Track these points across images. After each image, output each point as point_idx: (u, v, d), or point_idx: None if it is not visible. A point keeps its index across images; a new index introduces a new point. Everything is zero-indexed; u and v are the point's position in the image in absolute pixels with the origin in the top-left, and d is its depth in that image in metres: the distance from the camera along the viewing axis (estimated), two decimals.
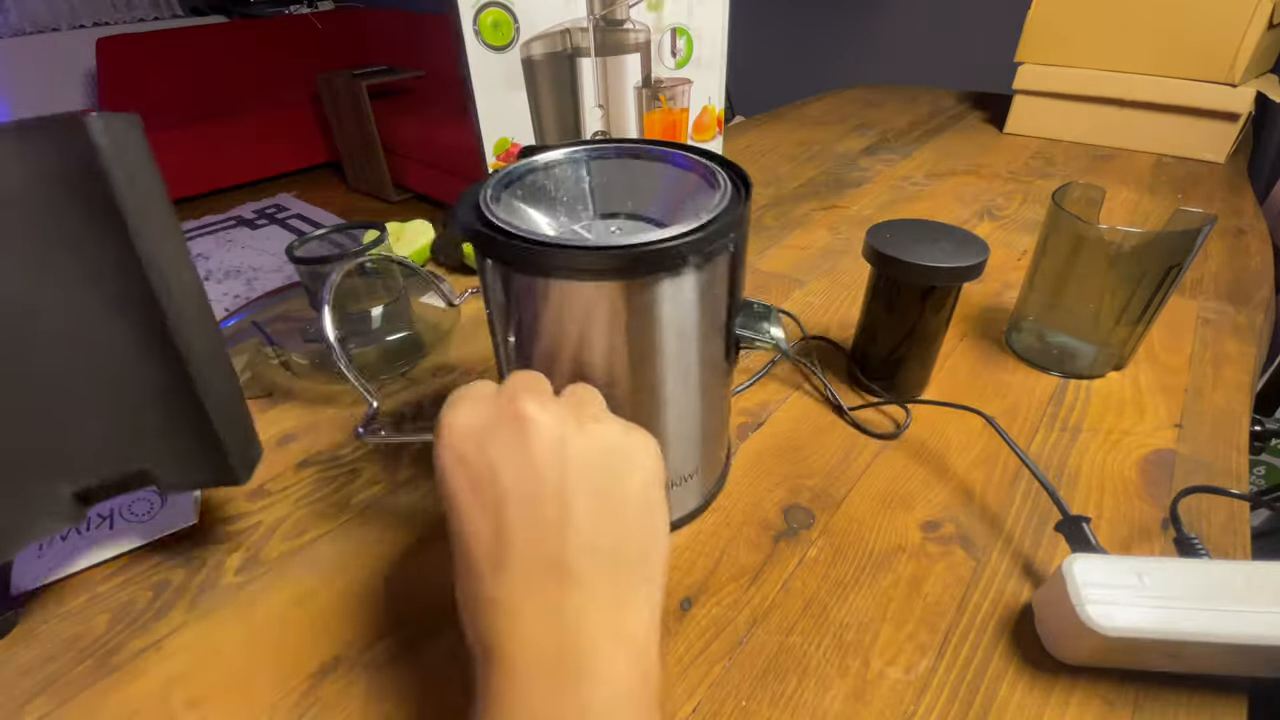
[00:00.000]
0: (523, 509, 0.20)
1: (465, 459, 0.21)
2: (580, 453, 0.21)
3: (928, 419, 0.45)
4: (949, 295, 0.42)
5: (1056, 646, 0.30)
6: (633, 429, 0.23)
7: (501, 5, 0.51)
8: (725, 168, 0.31)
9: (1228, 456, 0.42)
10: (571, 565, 0.20)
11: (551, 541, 0.20)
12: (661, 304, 0.27)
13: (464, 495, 0.21)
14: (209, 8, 3.69)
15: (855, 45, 2.32)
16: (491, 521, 0.20)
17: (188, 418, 0.30)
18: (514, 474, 0.20)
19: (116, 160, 0.24)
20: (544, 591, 0.20)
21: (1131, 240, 0.42)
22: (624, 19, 0.57)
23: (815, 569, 0.35)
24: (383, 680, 0.30)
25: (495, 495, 0.20)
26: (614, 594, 0.21)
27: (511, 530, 0.20)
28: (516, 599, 0.20)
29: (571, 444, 0.21)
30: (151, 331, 0.27)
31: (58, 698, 0.30)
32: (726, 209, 0.28)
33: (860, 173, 0.90)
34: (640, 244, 0.25)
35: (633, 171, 0.34)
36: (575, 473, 0.21)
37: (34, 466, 0.28)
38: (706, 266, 0.28)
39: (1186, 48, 0.85)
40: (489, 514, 0.20)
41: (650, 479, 0.23)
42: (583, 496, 0.21)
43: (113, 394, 0.28)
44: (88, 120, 0.22)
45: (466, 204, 0.29)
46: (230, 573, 0.35)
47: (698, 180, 0.32)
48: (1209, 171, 0.87)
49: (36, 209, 0.24)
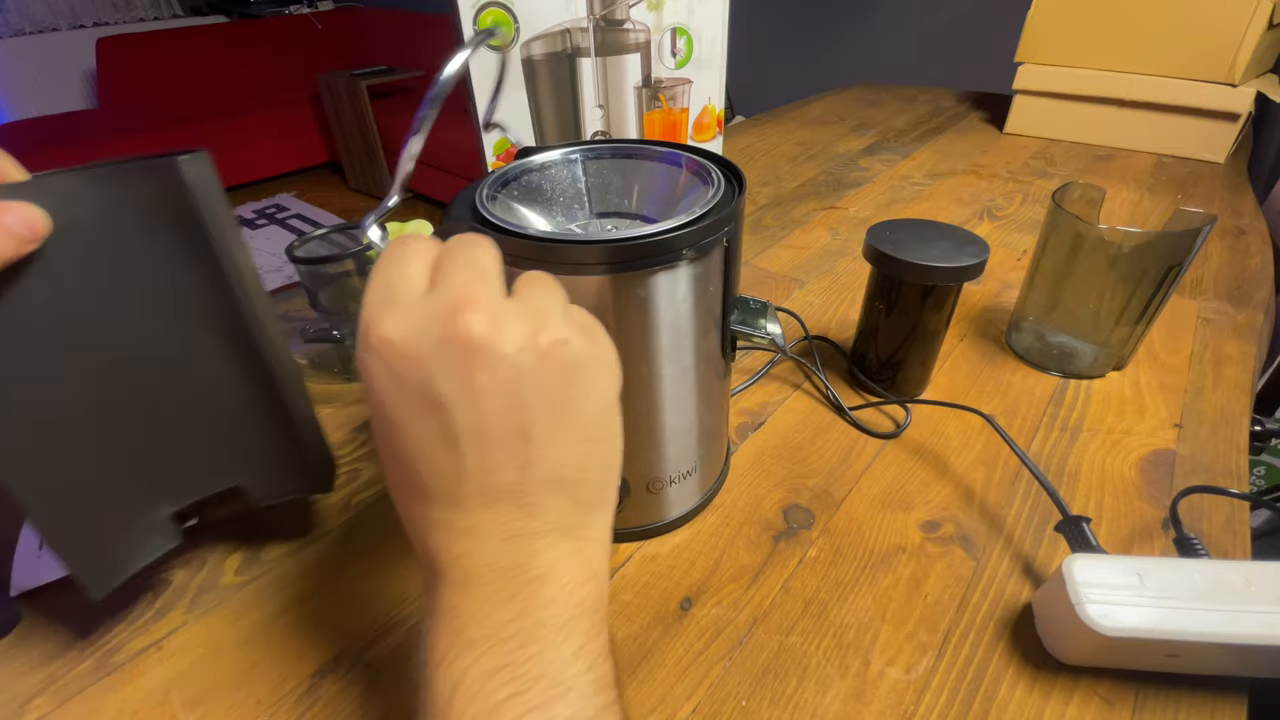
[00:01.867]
0: (479, 446, 0.18)
1: (403, 379, 0.18)
2: (539, 384, 0.19)
3: (928, 419, 0.45)
4: (949, 295, 0.42)
5: (1056, 646, 0.30)
6: (593, 337, 0.21)
7: (501, 5, 0.51)
8: (719, 164, 0.31)
9: (1228, 456, 0.42)
10: (532, 496, 0.19)
11: (510, 473, 0.19)
12: (657, 297, 0.28)
13: (405, 417, 0.18)
14: (209, 8, 3.69)
15: (855, 45, 2.32)
16: (443, 453, 0.19)
17: (275, 433, 0.31)
18: (466, 411, 0.18)
19: (201, 192, 0.25)
20: (503, 518, 0.19)
21: (1131, 240, 0.42)
22: (624, 19, 0.57)
23: (815, 569, 0.35)
24: (383, 680, 0.30)
25: (444, 427, 0.18)
26: (574, 521, 0.20)
27: (466, 465, 0.19)
28: (473, 523, 0.19)
29: (529, 376, 0.18)
30: (240, 352, 0.29)
31: (58, 698, 0.30)
32: (720, 203, 0.28)
33: (860, 173, 0.90)
34: (635, 237, 0.25)
35: (628, 171, 0.34)
36: (534, 405, 0.19)
37: (146, 492, 0.30)
38: (701, 260, 0.28)
39: (1186, 48, 0.85)
40: (439, 445, 0.18)
41: (610, 399, 0.21)
42: (542, 429, 0.19)
43: (209, 416, 0.30)
44: (179, 161, 0.24)
45: (462, 203, 0.29)
46: (230, 573, 0.35)
47: (691, 178, 0.32)
48: (1209, 171, 0.87)
49: (136, 242, 0.25)
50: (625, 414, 0.31)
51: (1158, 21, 0.86)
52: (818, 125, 1.11)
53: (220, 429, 0.30)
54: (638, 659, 0.31)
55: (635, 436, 0.32)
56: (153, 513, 0.30)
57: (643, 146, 0.34)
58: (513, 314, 0.19)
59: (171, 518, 0.31)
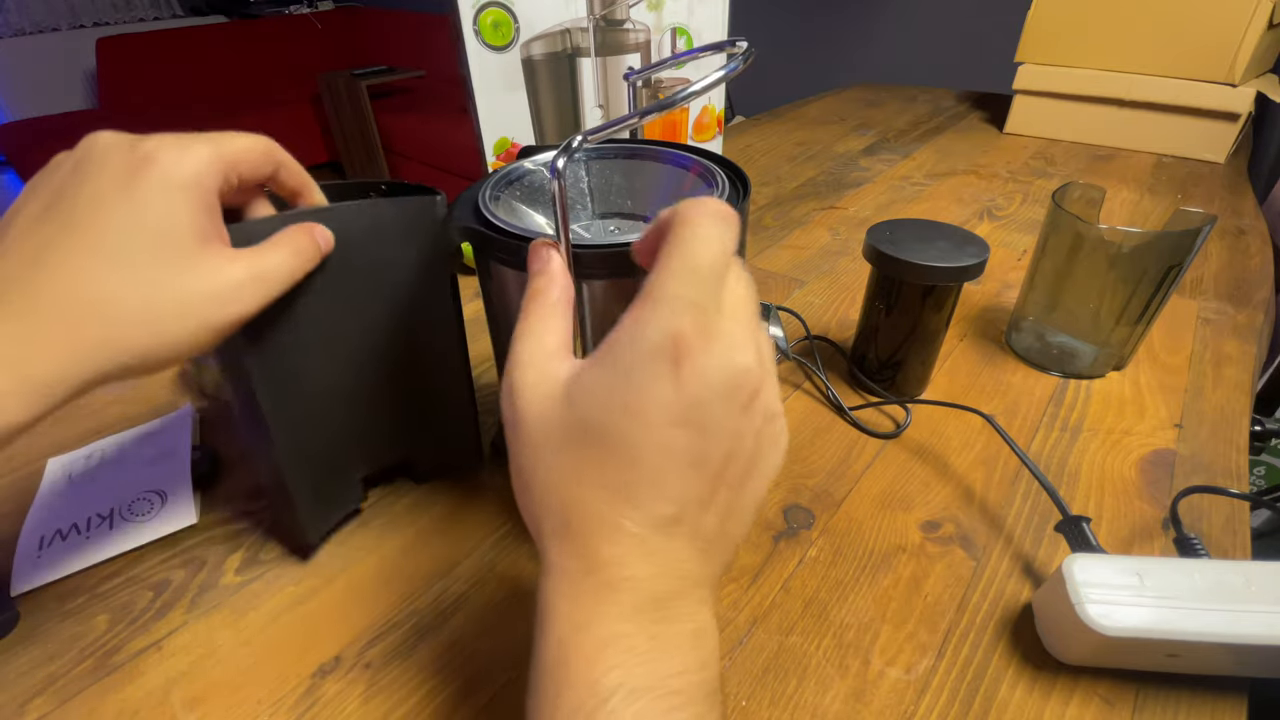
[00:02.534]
0: (713, 479, 0.19)
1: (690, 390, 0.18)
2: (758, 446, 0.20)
3: (928, 419, 0.45)
4: (950, 294, 0.42)
5: (1056, 646, 0.30)
6: None
7: (501, 5, 0.51)
8: (723, 166, 0.31)
9: (1228, 456, 0.42)
10: (715, 546, 0.19)
11: (714, 517, 0.19)
12: None
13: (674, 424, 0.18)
14: (209, 8, 3.69)
15: (855, 45, 2.32)
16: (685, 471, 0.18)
17: (440, 416, 0.37)
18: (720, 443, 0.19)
19: (431, 222, 0.31)
20: (684, 553, 0.19)
21: (1131, 240, 0.42)
22: (624, 19, 0.57)
23: (815, 569, 0.35)
24: (383, 680, 0.30)
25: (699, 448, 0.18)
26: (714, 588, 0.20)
27: (690, 490, 0.18)
28: (659, 547, 0.18)
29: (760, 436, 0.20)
30: (432, 346, 0.35)
31: (58, 698, 0.30)
32: None
33: (860, 173, 0.90)
34: None
35: (631, 172, 0.34)
36: (758, 464, 0.20)
37: (351, 458, 0.36)
38: None
39: (1186, 48, 0.85)
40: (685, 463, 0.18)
41: None
42: (751, 488, 0.20)
43: (401, 398, 0.35)
44: (436, 198, 0.31)
45: (465, 204, 0.29)
46: (230, 573, 0.35)
47: (695, 180, 0.32)
48: (1209, 171, 0.87)
49: (385, 255, 0.31)
50: None
51: (1158, 21, 0.86)
52: (818, 125, 1.11)
53: (405, 408, 0.36)
54: None
55: None
56: (352, 475, 0.37)
57: (646, 147, 0.34)
58: (772, 379, 0.20)
59: (360, 483, 0.37)
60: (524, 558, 0.36)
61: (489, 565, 0.36)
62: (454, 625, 0.33)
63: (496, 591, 0.34)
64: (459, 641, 0.32)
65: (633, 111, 0.23)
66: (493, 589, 0.34)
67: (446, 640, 0.32)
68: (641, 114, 0.22)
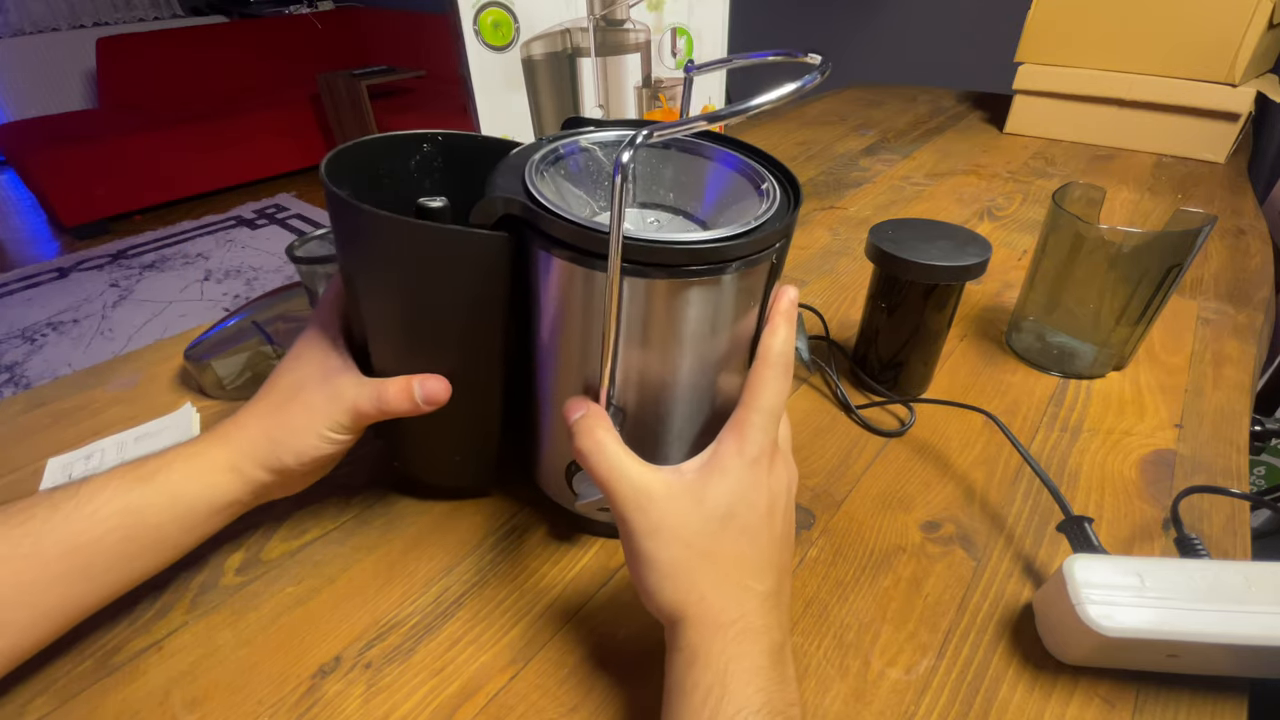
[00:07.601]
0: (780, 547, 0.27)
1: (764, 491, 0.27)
2: (785, 507, 0.28)
3: (929, 419, 0.45)
4: (952, 294, 0.42)
5: (1057, 646, 0.30)
6: None
7: (501, 5, 0.51)
8: (774, 169, 0.31)
9: (1228, 456, 0.42)
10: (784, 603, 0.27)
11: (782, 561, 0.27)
12: (703, 304, 0.27)
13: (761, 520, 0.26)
14: (209, 8, 3.69)
15: (855, 45, 2.32)
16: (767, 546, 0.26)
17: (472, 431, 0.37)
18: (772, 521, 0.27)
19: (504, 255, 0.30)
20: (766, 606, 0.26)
21: (1131, 240, 0.42)
22: (624, 19, 0.57)
23: (815, 569, 0.35)
24: (383, 680, 0.30)
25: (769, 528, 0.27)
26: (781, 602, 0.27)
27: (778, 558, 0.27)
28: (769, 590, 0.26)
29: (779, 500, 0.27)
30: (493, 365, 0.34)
31: (58, 698, 0.30)
32: (774, 216, 0.27)
33: (860, 173, 0.90)
34: (697, 241, 0.25)
35: (678, 164, 0.33)
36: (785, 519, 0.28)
37: None
38: (750, 272, 0.27)
39: (1186, 48, 0.85)
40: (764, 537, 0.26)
41: None
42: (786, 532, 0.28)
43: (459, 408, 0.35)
44: (505, 237, 0.29)
45: (511, 174, 0.28)
46: (230, 573, 0.35)
47: (744, 183, 0.31)
48: (1209, 171, 0.87)
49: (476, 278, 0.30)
50: (648, 417, 0.31)
51: (1158, 21, 0.86)
52: (818, 125, 1.11)
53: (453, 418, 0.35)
54: (638, 659, 0.31)
55: (653, 440, 0.32)
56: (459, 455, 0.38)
57: (700, 142, 0.33)
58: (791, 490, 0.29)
59: None
60: (524, 557, 0.36)
61: (489, 565, 0.36)
62: (454, 625, 0.33)
63: (496, 591, 0.34)
64: (459, 641, 0.32)
65: (700, 115, 0.23)
66: (493, 589, 0.34)
67: (446, 640, 0.32)
68: (711, 118, 0.22)
